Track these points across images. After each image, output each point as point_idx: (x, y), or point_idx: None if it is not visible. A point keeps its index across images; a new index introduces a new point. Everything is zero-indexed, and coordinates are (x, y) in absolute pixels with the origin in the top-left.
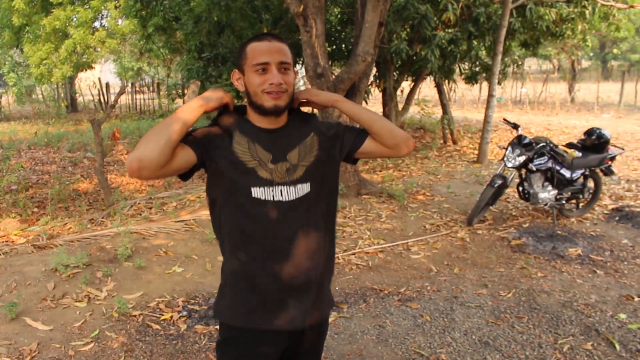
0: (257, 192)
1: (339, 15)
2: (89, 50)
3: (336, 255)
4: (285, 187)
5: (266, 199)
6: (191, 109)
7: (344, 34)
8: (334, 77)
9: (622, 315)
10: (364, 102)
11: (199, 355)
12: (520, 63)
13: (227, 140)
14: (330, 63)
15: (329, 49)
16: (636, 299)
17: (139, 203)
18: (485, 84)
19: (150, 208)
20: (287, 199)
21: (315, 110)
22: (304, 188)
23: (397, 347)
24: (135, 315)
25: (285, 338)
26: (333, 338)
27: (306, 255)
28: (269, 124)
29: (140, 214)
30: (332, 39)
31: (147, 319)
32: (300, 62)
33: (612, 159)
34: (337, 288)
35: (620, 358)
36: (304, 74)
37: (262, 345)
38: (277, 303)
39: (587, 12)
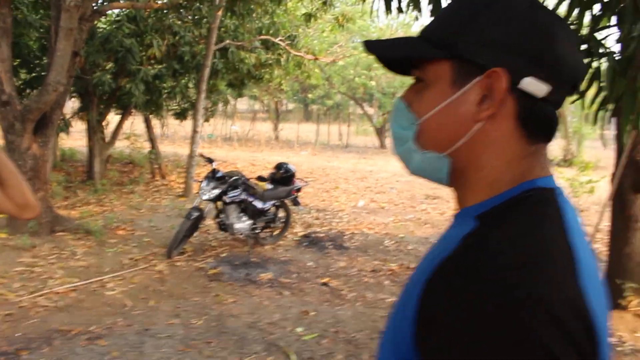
0: None
1: (39, 41)
2: None
3: (21, 299)
4: None
5: None
6: None
7: (44, 61)
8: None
9: (299, 329)
10: (61, 134)
11: None
12: (228, 102)
13: None
14: (30, 92)
15: (27, 76)
16: (312, 313)
17: None
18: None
19: None
20: None
21: None
22: None
23: None
24: None
25: None
26: None
27: None
28: None
29: None
30: (31, 65)
31: None
32: None
33: (298, 190)
34: (18, 334)
35: None
36: None
37: None
38: None
39: (282, 59)
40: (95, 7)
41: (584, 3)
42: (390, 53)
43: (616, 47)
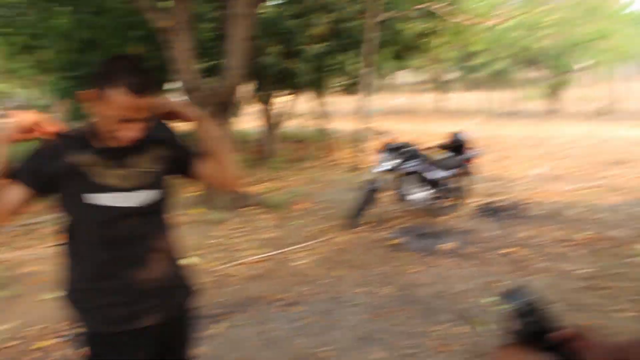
0: (96, 199)
1: (211, 31)
2: None
3: (220, 267)
4: (125, 193)
5: (106, 205)
6: None
7: (218, 49)
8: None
9: (487, 300)
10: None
11: None
12: (390, 75)
13: (63, 150)
14: (209, 78)
15: (205, 64)
16: (498, 283)
17: (12, 230)
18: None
19: (26, 234)
20: (127, 205)
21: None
22: (145, 194)
23: (281, 350)
24: (9, 347)
25: (150, 338)
26: (219, 347)
27: (151, 258)
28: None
29: (12, 242)
30: (207, 54)
31: (23, 349)
32: None
33: (472, 159)
34: (219, 300)
35: (486, 337)
36: None
37: (128, 347)
38: (132, 304)
39: (442, 27)
40: None
41: None
42: None
43: None
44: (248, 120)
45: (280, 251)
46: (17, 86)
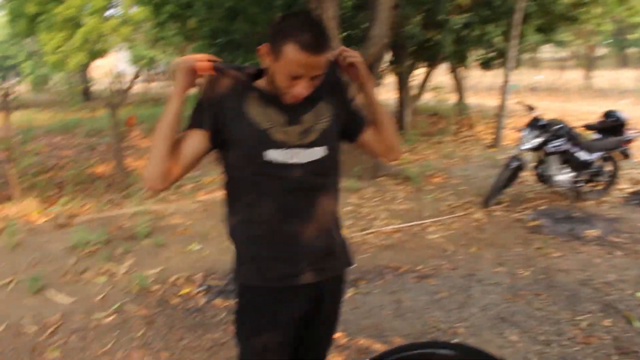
0: (271, 155)
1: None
2: (102, 38)
3: (353, 235)
4: (299, 149)
5: (280, 161)
6: (169, 107)
7: (357, 19)
8: None
9: None
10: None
11: (218, 327)
12: (536, 48)
13: (237, 103)
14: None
15: (343, 34)
16: None
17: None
18: (499, 71)
19: (172, 189)
20: (301, 162)
21: None
22: (318, 152)
23: (414, 321)
24: (155, 290)
25: (305, 296)
26: (351, 313)
27: (318, 217)
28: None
29: (158, 195)
30: (346, 24)
31: (166, 293)
32: None
33: (629, 141)
34: (354, 266)
35: (637, 334)
36: None
37: (282, 303)
38: (293, 261)
39: None
40: None
41: None
42: None
43: None
44: (383, 91)
45: (415, 223)
46: (161, 53)
